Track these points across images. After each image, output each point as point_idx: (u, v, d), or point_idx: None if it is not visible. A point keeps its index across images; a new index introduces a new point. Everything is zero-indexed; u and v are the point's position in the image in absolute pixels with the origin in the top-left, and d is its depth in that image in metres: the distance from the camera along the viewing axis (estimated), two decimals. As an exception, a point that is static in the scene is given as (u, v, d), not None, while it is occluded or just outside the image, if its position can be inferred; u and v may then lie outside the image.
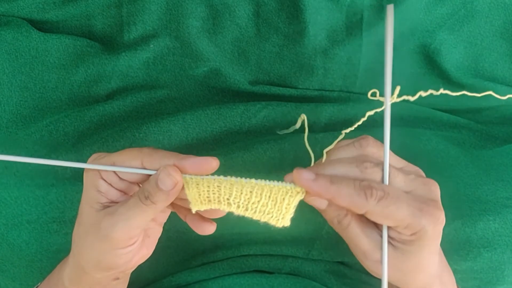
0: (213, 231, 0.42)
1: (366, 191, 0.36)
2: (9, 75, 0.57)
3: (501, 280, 0.56)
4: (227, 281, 0.55)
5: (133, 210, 0.38)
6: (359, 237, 0.39)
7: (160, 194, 0.37)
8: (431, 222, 0.37)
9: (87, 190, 0.40)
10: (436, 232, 0.38)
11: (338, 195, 0.36)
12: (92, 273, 0.43)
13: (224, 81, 0.62)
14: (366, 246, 0.39)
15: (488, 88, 0.65)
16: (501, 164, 0.59)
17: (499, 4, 0.65)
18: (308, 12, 0.60)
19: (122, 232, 0.38)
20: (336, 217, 0.38)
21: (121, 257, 0.41)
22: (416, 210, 0.36)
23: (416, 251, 0.38)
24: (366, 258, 0.40)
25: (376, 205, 0.36)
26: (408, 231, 0.37)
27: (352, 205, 0.36)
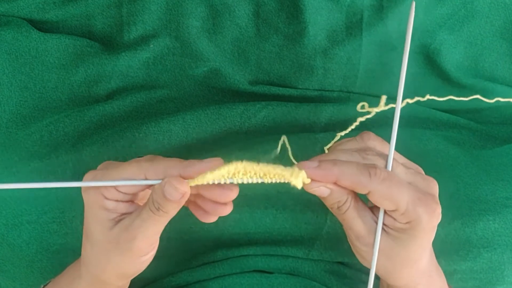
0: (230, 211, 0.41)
1: (370, 170, 0.37)
2: (9, 75, 0.57)
3: (501, 280, 0.56)
4: (227, 281, 0.55)
5: (148, 222, 0.38)
6: (355, 220, 0.39)
7: (169, 203, 0.37)
8: (427, 212, 0.37)
9: (93, 210, 0.39)
10: (430, 225, 0.38)
11: (342, 175, 0.37)
12: (115, 283, 0.43)
13: (224, 81, 0.62)
14: (361, 229, 0.39)
15: (488, 88, 0.66)
16: (501, 164, 0.59)
17: (499, 4, 0.65)
18: (308, 12, 0.60)
19: (142, 243, 0.39)
20: (337, 203, 0.39)
21: (144, 262, 0.41)
22: (416, 198, 0.37)
23: (408, 241, 0.39)
24: (359, 241, 0.40)
25: (380, 184, 0.36)
26: (404, 218, 0.37)
27: (356, 183, 0.37)
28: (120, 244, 0.39)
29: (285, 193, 0.56)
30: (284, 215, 0.55)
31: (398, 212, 0.37)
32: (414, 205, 0.37)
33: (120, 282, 0.43)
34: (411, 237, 0.38)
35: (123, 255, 0.39)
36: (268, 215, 0.56)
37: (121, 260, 0.40)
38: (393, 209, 0.37)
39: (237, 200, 0.56)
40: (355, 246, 0.41)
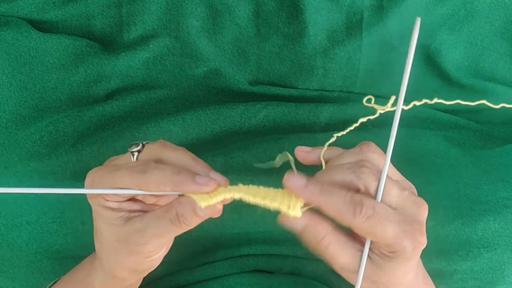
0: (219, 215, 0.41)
1: (355, 207, 0.35)
2: (9, 75, 0.57)
3: (501, 281, 0.56)
4: (228, 280, 0.55)
5: (165, 232, 0.38)
6: (338, 255, 0.38)
7: (196, 219, 0.37)
8: (411, 244, 0.36)
9: (100, 211, 0.39)
10: (415, 253, 0.38)
11: (327, 206, 0.36)
12: (129, 280, 0.43)
13: (224, 81, 0.62)
14: (345, 261, 0.38)
15: (488, 88, 0.66)
16: (501, 164, 0.59)
17: (499, 4, 0.65)
18: (308, 12, 0.60)
19: (154, 248, 0.39)
20: (315, 237, 0.37)
21: (156, 260, 0.41)
22: (400, 232, 0.36)
23: (392, 268, 0.38)
24: (343, 271, 0.39)
25: (363, 222, 0.35)
26: (388, 248, 0.37)
27: (339, 218, 0.36)
28: (130, 245, 0.39)
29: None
30: (284, 215, 0.55)
31: (382, 244, 0.37)
32: (398, 238, 0.36)
33: (133, 278, 0.43)
34: (396, 264, 0.38)
35: (133, 255, 0.39)
36: (268, 215, 0.56)
37: (131, 259, 0.40)
38: (377, 242, 0.37)
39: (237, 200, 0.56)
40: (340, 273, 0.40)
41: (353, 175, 0.37)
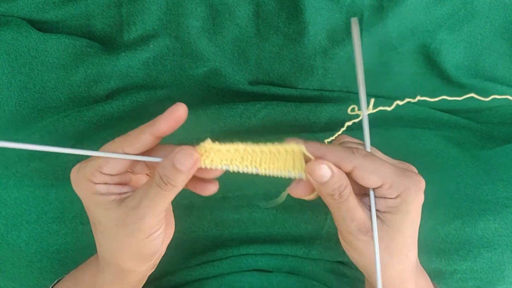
0: (217, 190, 0.42)
1: (352, 149, 0.39)
2: (9, 75, 0.56)
3: (501, 280, 0.56)
4: (227, 279, 0.55)
5: (156, 199, 0.38)
6: (357, 209, 0.40)
7: (180, 175, 0.37)
8: (413, 183, 0.39)
9: (91, 199, 0.40)
10: (418, 197, 0.39)
11: (328, 153, 0.38)
12: (137, 269, 0.43)
13: (224, 81, 0.62)
14: (363, 217, 0.40)
15: (488, 88, 0.66)
16: (501, 164, 0.59)
17: (499, 4, 0.65)
18: (308, 12, 0.60)
19: (150, 221, 0.39)
20: (338, 188, 0.39)
21: (156, 240, 0.41)
22: (399, 171, 0.39)
23: (401, 221, 0.40)
24: (359, 231, 0.40)
25: (363, 159, 0.38)
26: (393, 191, 0.39)
27: (342, 159, 0.38)
28: (128, 225, 0.39)
29: (285, 192, 0.56)
30: (284, 214, 0.56)
31: (386, 186, 0.39)
32: (399, 176, 0.38)
33: (141, 266, 0.43)
34: (403, 214, 0.39)
35: (133, 236, 0.39)
36: (268, 215, 0.56)
37: (132, 242, 0.40)
38: (380, 183, 0.38)
39: (237, 200, 0.56)
40: (355, 241, 0.41)
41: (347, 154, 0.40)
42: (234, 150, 0.39)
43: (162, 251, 0.44)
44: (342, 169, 0.39)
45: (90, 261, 0.49)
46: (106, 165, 0.39)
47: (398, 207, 0.39)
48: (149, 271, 0.46)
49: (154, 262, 0.44)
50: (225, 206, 0.56)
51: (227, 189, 0.55)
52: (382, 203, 0.40)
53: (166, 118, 0.39)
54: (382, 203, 0.40)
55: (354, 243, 0.41)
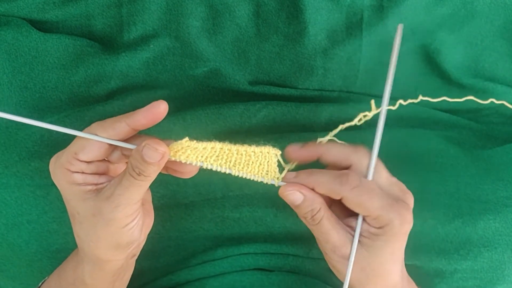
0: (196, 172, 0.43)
1: (341, 178, 0.39)
2: (9, 75, 0.56)
3: (502, 280, 0.56)
4: (227, 278, 0.55)
5: (130, 188, 0.39)
6: (330, 232, 0.41)
7: (150, 167, 0.38)
8: (398, 218, 0.39)
9: (68, 189, 0.41)
10: (402, 230, 0.40)
11: (317, 183, 0.40)
12: (114, 258, 0.43)
13: (224, 81, 0.62)
14: (336, 240, 0.41)
15: (488, 88, 0.66)
16: (501, 163, 0.59)
17: (499, 4, 0.65)
18: (308, 12, 0.60)
19: (125, 210, 0.40)
20: (310, 212, 0.41)
21: (133, 229, 0.42)
22: (386, 205, 0.39)
23: (380, 248, 0.40)
24: (334, 252, 0.41)
25: (350, 191, 0.39)
26: (377, 223, 0.40)
27: (329, 190, 0.40)
28: (104, 214, 0.39)
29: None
30: (284, 214, 0.56)
31: (371, 217, 0.40)
32: (385, 210, 0.39)
33: (119, 256, 0.43)
34: (384, 243, 0.40)
35: (110, 225, 0.40)
36: (268, 214, 0.56)
37: (109, 231, 0.40)
38: (366, 214, 0.40)
39: (237, 200, 0.56)
40: (331, 259, 0.43)
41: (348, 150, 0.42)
42: (210, 148, 0.40)
43: (142, 240, 0.44)
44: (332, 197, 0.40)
45: (72, 256, 0.50)
46: (82, 151, 0.40)
47: (378, 236, 0.40)
48: (130, 260, 0.46)
49: (133, 252, 0.45)
50: (225, 206, 0.56)
51: (227, 189, 0.55)
52: (365, 227, 0.41)
53: (144, 112, 0.40)
54: (365, 227, 0.41)
55: (331, 262, 0.43)
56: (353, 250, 0.41)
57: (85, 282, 0.46)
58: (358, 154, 0.42)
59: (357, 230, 0.41)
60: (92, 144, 0.40)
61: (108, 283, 0.46)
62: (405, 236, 0.42)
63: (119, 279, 0.47)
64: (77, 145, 0.40)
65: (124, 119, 0.40)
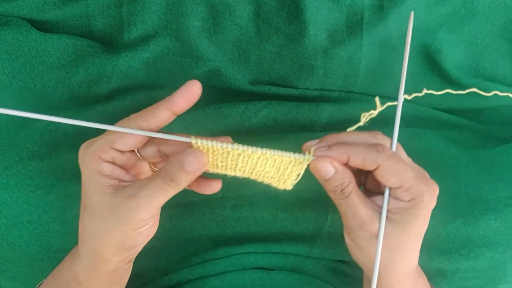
0: (219, 189, 0.43)
1: (377, 147, 0.39)
2: (9, 75, 0.56)
3: (503, 279, 0.56)
4: (229, 277, 0.55)
5: (156, 193, 0.38)
6: (359, 206, 0.40)
7: (186, 176, 0.38)
8: (428, 191, 0.39)
9: (91, 177, 0.40)
10: (430, 205, 0.40)
11: (352, 153, 0.39)
12: (112, 259, 0.43)
13: (224, 81, 0.62)
14: (364, 215, 0.40)
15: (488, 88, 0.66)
16: (502, 163, 0.59)
17: (499, 4, 0.66)
18: (309, 12, 0.60)
19: (144, 213, 0.39)
20: (340, 185, 0.40)
21: (141, 235, 0.41)
22: (418, 176, 0.39)
23: (408, 223, 0.40)
24: (361, 228, 0.41)
25: (387, 159, 0.39)
26: (408, 195, 0.39)
27: (366, 159, 0.39)
28: (120, 213, 0.39)
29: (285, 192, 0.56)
30: (284, 214, 0.56)
31: (403, 189, 0.39)
32: (417, 182, 0.39)
33: (118, 257, 0.43)
34: (412, 218, 0.40)
35: (122, 225, 0.39)
36: (268, 214, 0.56)
37: (119, 230, 0.40)
38: (399, 185, 0.39)
39: (237, 199, 0.56)
40: (357, 237, 0.42)
41: (368, 135, 0.41)
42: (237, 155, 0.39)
43: (141, 247, 0.44)
44: (366, 167, 0.39)
45: (67, 257, 0.49)
46: (119, 140, 0.39)
47: (408, 210, 0.40)
48: (125, 265, 0.46)
49: (131, 257, 0.44)
50: (225, 205, 0.56)
51: (227, 188, 0.55)
52: (393, 204, 0.40)
53: (182, 93, 0.39)
54: (394, 203, 0.40)
55: (356, 240, 0.42)
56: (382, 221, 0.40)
57: (79, 281, 0.45)
58: (378, 137, 0.42)
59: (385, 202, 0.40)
60: (130, 135, 0.39)
61: (102, 284, 0.45)
62: (429, 215, 0.41)
63: (115, 283, 0.47)
64: (115, 135, 0.39)
65: (163, 104, 0.39)
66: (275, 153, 0.39)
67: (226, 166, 0.40)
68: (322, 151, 0.40)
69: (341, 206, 0.41)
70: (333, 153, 0.39)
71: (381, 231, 0.40)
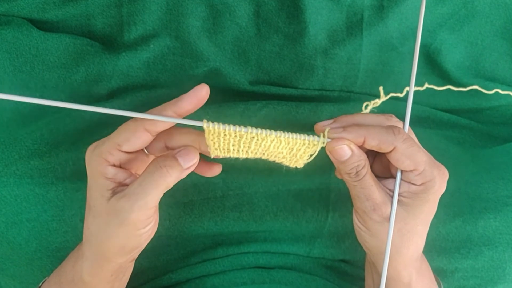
0: (220, 172, 0.44)
1: (393, 129, 0.39)
2: (10, 74, 0.57)
3: (502, 278, 0.56)
4: (228, 275, 0.55)
5: (147, 187, 0.38)
6: (372, 188, 0.41)
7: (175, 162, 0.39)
8: (440, 176, 0.40)
9: (95, 179, 0.40)
10: (440, 190, 0.41)
11: (368, 135, 0.39)
12: (116, 259, 0.43)
13: (225, 81, 0.62)
14: (377, 197, 0.41)
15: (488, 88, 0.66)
16: (501, 162, 0.59)
17: (499, 4, 0.66)
18: (309, 12, 0.60)
19: (140, 212, 0.39)
20: (356, 167, 0.40)
21: (142, 236, 0.41)
22: (431, 161, 0.40)
23: (419, 207, 0.41)
24: (374, 211, 0.41)
25: (403, 142, 0.39)
26: (420, 178, 0.40)
27: (383, 141, 0.39)
28: (119, 214, 0.39)
29: (285, 191, 0.56)
30: (284, 213, 0.55)
31: (416, 172, 0.40)
32: (430, 166, 0.39)
33: (121, 258, 0.43)
34: (423, 202, 0.40)
35: (122, 228, 0.40)
36: (268, 213, 0.56)
37: (120, 232, 0.40)
38: (412, 168, 0.39)
39: (237, 198, 0.56)
40: (369, 220, 0.42)
41: (383, 118, 0.41)
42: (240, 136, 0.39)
43: (143, 246, 0.44)
44: (382, 149, 0.40)
45: (72, 254, 0.49)
46: (126, 143, 0.40)
47: (419, 194, 0.40)
48: (127, 264, 0.46)
49: (134, 255, 0.45)
50: (225, 205, 0.56)
51: (227, 188, 0.55)
52: (405, 187, 0.41)
53: (189, 98, 0.40)
54: (405, 187, 0.41)
55: (368, 223, 0.42)
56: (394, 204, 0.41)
57: (83, 279, 0.45)
58: (392, 120, 0.42)
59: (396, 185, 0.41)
60: (137, 138, 0.40)
61: (107, 282, 0.45)
62: (438, 200, 0.42)
63: (118, 279, 0.47)
64: (122, 137, 0.40)
65: (170, 107, 0.39)
66: (289, 135, 0.40)
67: (238, 149, 0.40)
68: (337, 132, 0.40)
69: (355, 188, 0.41)
70: (350, 135, 0.39)
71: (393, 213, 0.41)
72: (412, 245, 0.43)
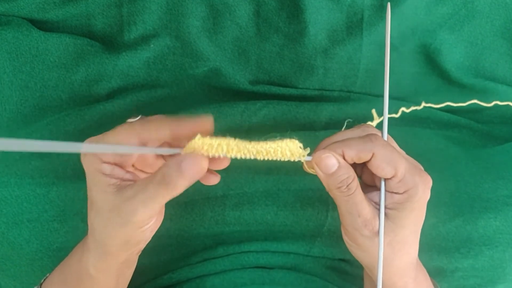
0: (218, 182, 0.43)
1: (371, 137, 0.39)
2: (10, 74, 0.57)
3: (502, 278, 0.56)
4: (228, 275, 0.55)
5: (153, 196, 0.37)
6: (363, 203, 0.40)
7: (182, 181, 0.37)
8: (422, 183, 0.39)
9: (93, 176, 0.39)
10: (424, 197, 0.39)
11: (345, 147, 0.38)
12: (121, 253, 0.43)
13: (225, 80, 0.62)
14: (368, 213, 0.40)
15: (488, 88, 0.66)
16: (501, 162, 0.59)
17: (499, 4, 0.66)
18: (309, 12, 0.60)
19: (143, 216, 0.38)
20: (346, 180, 0.39)
21: (146, 231, 0.41)
22: (412, 167, 0.39)
23: (406, 217, 0.40)
24: (365, 227, 0.40)
25: (382, 147, 0.38)
26: (402, 186, 0.39)
27: (361, 150, 0.38)
28: (122, 215, 0.38)
29: (286, 190, 0.56)
30: (284, 212, 0.55)
31: (396, 179, 0.39)
32: (411, 173, 0.38)
33: (125, 252, 0.43)
34: (408, 212, 0.40)
35: (124, 225, 0.39)
36: (268, 212, 0.56)
37: (123, 230, 0.39)
38: (392, 174, 0.38)
39: (237, 197, 0.56)
40: (360, 236, 0.41)
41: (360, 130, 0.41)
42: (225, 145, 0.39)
43: (148, 240, 0.44)
44: (361, 159, 0.39)
45: (75, 250, 0.49)
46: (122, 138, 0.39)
47: (403, 204, 0.39)
48: (134, 256, 0.46)
49: (140, 247, 0.44)
50: (225, 204, 0.56)
51: (227, 187, 0.55)
52: (388, 199, 0.40)
53: (192, 125, 0.39)
54: (389, 198, 0.40)
55: (358, 240, 0.41)
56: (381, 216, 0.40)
57: (90, 274, 0.45)
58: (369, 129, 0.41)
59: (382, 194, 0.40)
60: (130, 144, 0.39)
61: (112, 277, 0.45)
62: (425, 207, 0.41)
63: (122, 274, 0.47)
64: (117, 139, 0.39)
65: (169, 126, 0.38)
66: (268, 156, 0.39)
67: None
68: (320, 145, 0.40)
69: (347, 204, 0.40)
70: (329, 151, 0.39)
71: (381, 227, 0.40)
72: (404, 255, 0.42)
